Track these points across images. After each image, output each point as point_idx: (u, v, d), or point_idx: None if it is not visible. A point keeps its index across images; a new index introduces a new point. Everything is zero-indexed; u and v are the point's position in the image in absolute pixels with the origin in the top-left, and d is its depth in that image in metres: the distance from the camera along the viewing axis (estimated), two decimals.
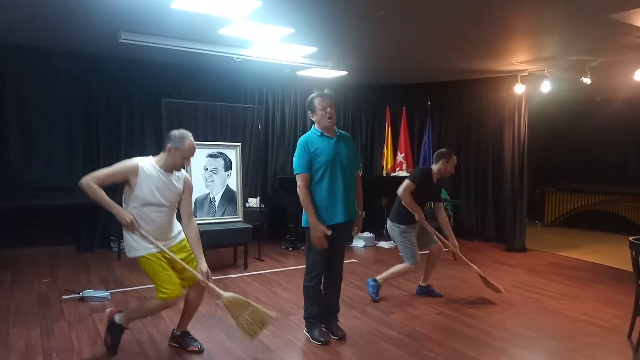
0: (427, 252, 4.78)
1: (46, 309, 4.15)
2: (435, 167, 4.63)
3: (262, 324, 3.17)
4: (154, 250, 3.11)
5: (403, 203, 4.51)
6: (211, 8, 4.16)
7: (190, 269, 3.18)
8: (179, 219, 3.34)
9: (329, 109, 3.48)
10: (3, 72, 6.04)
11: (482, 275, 4.71)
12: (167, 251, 3.13)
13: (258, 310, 3.19)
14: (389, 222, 4.67)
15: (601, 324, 4.13)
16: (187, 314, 3.45)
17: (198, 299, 3.40)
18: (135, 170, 3.04)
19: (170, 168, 3.17)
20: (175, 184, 3.20)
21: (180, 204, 3.29)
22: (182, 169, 3.28)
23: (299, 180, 3.48)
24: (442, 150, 4.75)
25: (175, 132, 3.16)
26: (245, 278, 5.36)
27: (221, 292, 3.17)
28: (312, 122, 3.61)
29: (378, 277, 4.71)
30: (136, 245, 3.11)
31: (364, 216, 3.79)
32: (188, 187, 3.31)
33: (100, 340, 3.51)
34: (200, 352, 3.38)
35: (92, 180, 2.98)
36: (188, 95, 6.83)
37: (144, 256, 3.11)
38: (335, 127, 3.59)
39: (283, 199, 7.00)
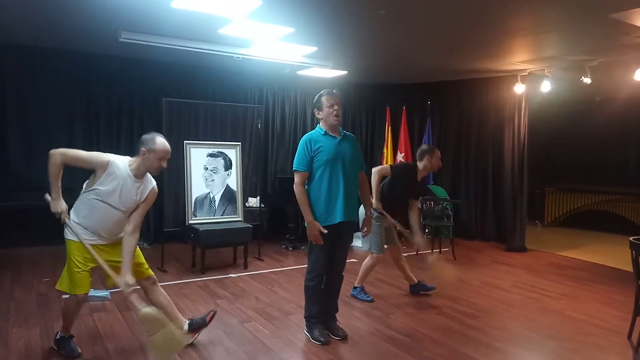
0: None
1: (46, 309, 4.15)
2: (421, 165, 4.60)
3: (174, 348, 3.05)
4: (85, 242, 3.05)
5: (371, 182, 4.39)
6: (211, 7, 4.16)
7: (110, 273, 3.03)
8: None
9: (335, 107, 3.48)
10: (3, 72, 6.04)
11: (436, 264, 4.70)
12: (92, 253, 3.03)
13: (173, 333, 3.02)
14: (362, 207, 4.59)
15: (601, 324, 4.13)
16: (170, 311, 3.38)
17: (161, 294, 3.37)
18: (105, 166, 3.01)
19: (143, 173, 3.12)
20: (139, 191, 3.13)
21: (134, 211, 3.16)
22: (153, 178, 3.23)
23: (296, 177, 3.49)
24: (423, 147, 4.73)
25: (147, 135, 3.13)
26: (245, 278, 5.36)
27: (139, 307, 2.97)
28: (318, 121, 3.60)
29: (356, 284, 4.75)
30: (72, 229, 3.07)
31: (373, 216, 3.79)
32: (150, 198, 3.22)
33: (99, 339, 3.53)
34: (215, 312, 3.51)
35: (60, 156, 2.97)
36: (188, 94, 6.83)
37: (71, 241, 3.08)
38: (340, 128, 3.60)
39: (283, 199, 7.00)
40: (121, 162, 3.08)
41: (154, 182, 3.26)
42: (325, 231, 3.43)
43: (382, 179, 4.50)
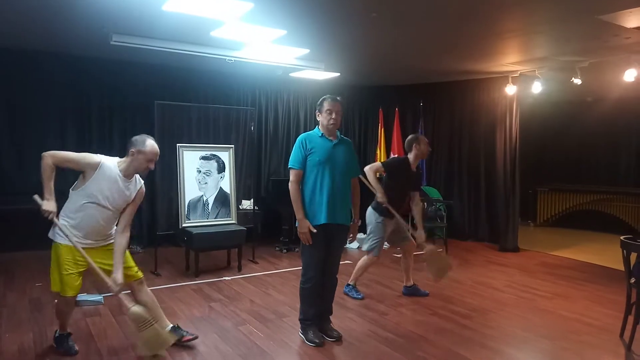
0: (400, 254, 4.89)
1: (39, 314, 4.13)
2: (411, 155, 4.64)
3: (161, 345, 3.09)
4: (77, 244, 3.08)
5: (367, 179, 4.47)
6: (203, 10, 4.15)
7: (100, 274, 3.07)
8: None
9: (333, 115, 3.54)
10: None
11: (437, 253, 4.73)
12: (83, 253, 3.05)
13: (160, 331, 3.10)
14: (369, 208, 4.66)
15: (593, 323, 4.17)
16: (155, 311, 3.40)
17: (147, 294, 3.42)
18: (95, 167, 3.08)
19: (132, 173, 3.19)
20: (129, 190, 3.21)
21: (124, 211, 3.24)
22: (140, 178, 3.31)
23: (291, 175, 3.55)
24: (410, 137, 4.76)
25: (137, 137, 3.20)
26: (239, 280, 5.35)
27: (129, 305, 3.04)
28: (317, 122, 3.66)
29: (349, 281, 4.80)
30: (59, 231, 3.11)
31: (359, 224, 3.82)
32: (139, 196, 3.30)
33: (93, 344, 3.52)
34: (195, 338, 3.47)
35: (50, 158, 3.02)
36: (180, 97, 6.80)
37: (60, 244, 3.11)
38: (338, 132, 3.64)
39: (277, 201, 7.00)
40: (111, 163, 3.15)
41: (141, 182, 3.34)
42: (315, 230, 3.45)
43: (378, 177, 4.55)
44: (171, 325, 3.50)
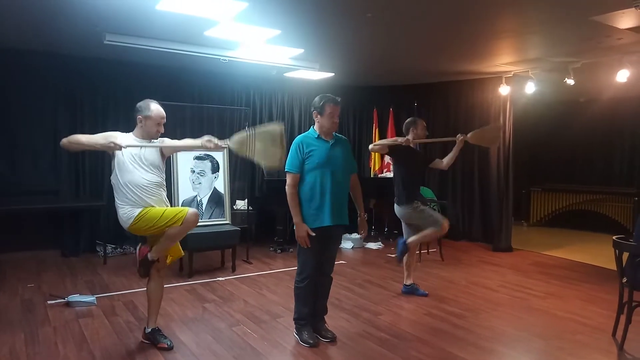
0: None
1: (31, 315, 4.09)
2: (410, 138, 4.76)
3: (274, 141, 3.28)
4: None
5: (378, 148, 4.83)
6: (197, 9, 4.14)
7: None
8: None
9: (335, 118, 3.54)
10: None
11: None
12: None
13: (266, 147, 3.30)
14: (398, 207, 4.68)
15: (586, 322, 4.18)
16: (153, 307, 3.52)
17: (159, 290, 3.51)
18: (116, 136, 3.22)
19: (146, 138, 3.36)
20: (154, 150, 3.39)
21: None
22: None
23: (288, 179, 3.51)
24: (408, 120, 4.89)
25: (141, 103, 3.34)
26: (233, 281, 5.34)
27: (224, 143, 3.37)
28: (313, 122, 3.63)
29: (408, 240, 4.70)
30: (132, 208, 3.21)
31: (366, 217, 3.85)
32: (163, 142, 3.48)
33: (85, 345, 3.49)
34: (169, 349, 3.42)
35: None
36: (174, 97, 6.77)
37: (140, 212, 3.20)
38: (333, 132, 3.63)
39: (271, 201, 6.98)
40: (126, 136, 3.32)
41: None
42: (313, 234, 3.45)
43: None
44: (152, 327, 3.51)
